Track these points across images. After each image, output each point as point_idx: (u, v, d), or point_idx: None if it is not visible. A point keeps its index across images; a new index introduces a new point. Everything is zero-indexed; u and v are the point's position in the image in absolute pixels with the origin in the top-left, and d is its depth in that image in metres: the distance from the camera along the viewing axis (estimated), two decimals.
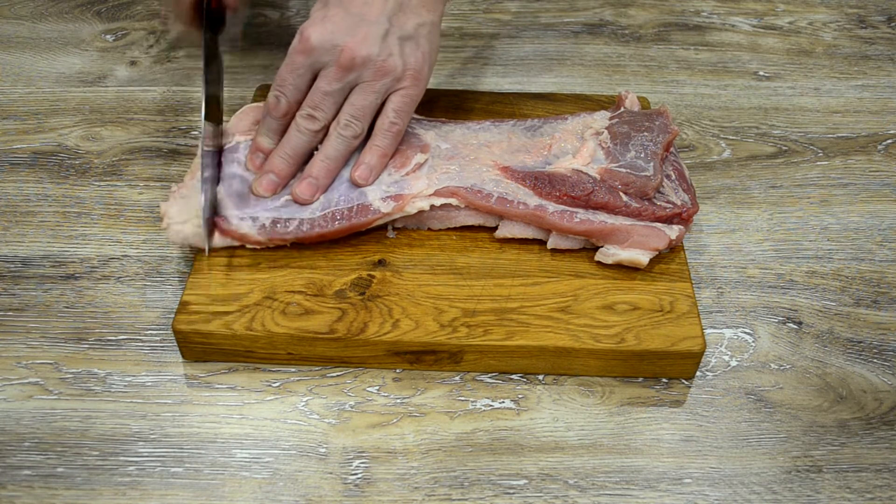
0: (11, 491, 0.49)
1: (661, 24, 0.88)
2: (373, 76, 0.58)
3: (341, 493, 0.50)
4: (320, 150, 0.59)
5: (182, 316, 0.54)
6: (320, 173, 0.59)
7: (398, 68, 0.59)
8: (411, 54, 0.59)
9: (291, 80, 0.59)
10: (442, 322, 0.55)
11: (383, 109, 0.60)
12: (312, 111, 0.59)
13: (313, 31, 0.58)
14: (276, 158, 0.59)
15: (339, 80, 0.58)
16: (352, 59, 0.57)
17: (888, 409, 0.55)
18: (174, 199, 0.58)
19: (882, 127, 0.76)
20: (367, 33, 0.58)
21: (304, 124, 0.59)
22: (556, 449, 0.52)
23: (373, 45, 0.58)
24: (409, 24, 0.60)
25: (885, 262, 0.64)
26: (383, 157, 0.60)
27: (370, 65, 0.58)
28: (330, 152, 0.59)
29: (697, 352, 0.54)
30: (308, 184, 0.58)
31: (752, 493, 0.51)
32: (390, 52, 0.58)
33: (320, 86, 0.58)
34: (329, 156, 0.59)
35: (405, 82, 0.59)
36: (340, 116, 0.59)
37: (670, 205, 0.59)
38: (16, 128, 0.73)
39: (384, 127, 0.60)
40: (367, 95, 0.59)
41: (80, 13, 0.87)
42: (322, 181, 0.59)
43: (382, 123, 0.60)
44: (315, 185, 0.59)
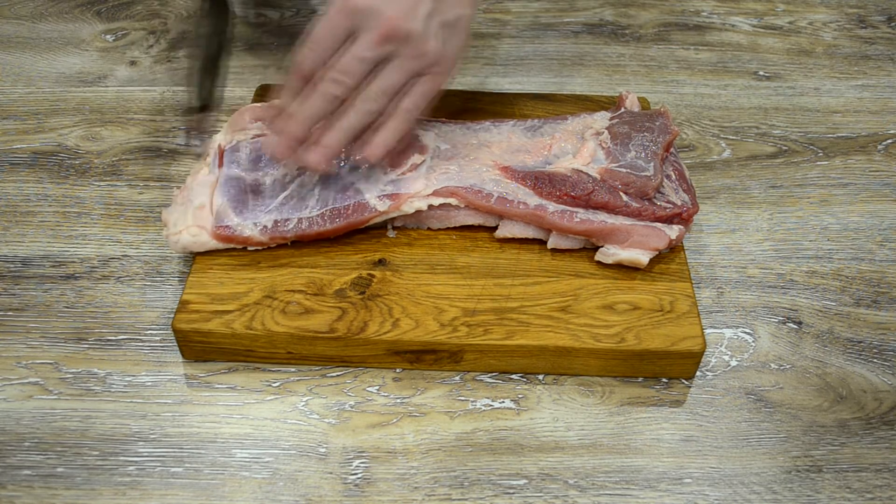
0: (11, 491, 0.49)
1: (661, 24, 0.88)
2: (409, 54, 0.55)
3: (341, 493, 0.50)
4: (338, 119, 0.56)
5: (182, 315, 0.54)
6: (333, 143, 0.56)
7: (434, 52, 0.56)
8: (448, 42, 0.57)
9: (326, 41, 0.55)
10: (442, 321, 0.55)
11: (407, 90, 0.57)
12: (339, 75, 0.55)
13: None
14: (294, 121, 0.56)
15: (376, 48, 0.54)
16: (394, 29, 0.54)
17: (888, 409, 0.55)
18: (175, 206, 0.58)
19: (882, 127, 0.76)
20: (412, 8, 0.54)
21: (329, 88, 0.55)
22: (556, 449, 0.52)
23: (417, 21, 0.54)
24: (452, 12, 0.57)
25: (885, 262, 0.64)
26: (395, 137, 0.57)
27: (410, 42, 0.55)
28: (347, 123, 0.56)
29: (697, 352, 0.54)
30: (320, 152, 0.56)
31: (752, 493, 0.51)
32: (431, 34, 0.55)
33: (355, 50, 0.54)
34: (345, 127, 0.56)
35: (436, 68, 0.57)
36: (368, 89, 0.55)
37: (670, 205, 0.59)
38: (16, 128, 0.73)
39: (404, 107, 0.57)
40: (398, 73, 0.56)
41: (80, 13, 0.87)
42: (334, 150, 0.56)
43: (404, 104, 0.57)
44: (326, 154, 0.56)
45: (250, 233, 0.57)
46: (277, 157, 0.57)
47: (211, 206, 0.58)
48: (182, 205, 0.58)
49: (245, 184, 0.60)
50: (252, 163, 0.61)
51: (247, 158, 0.61)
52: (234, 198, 0.58)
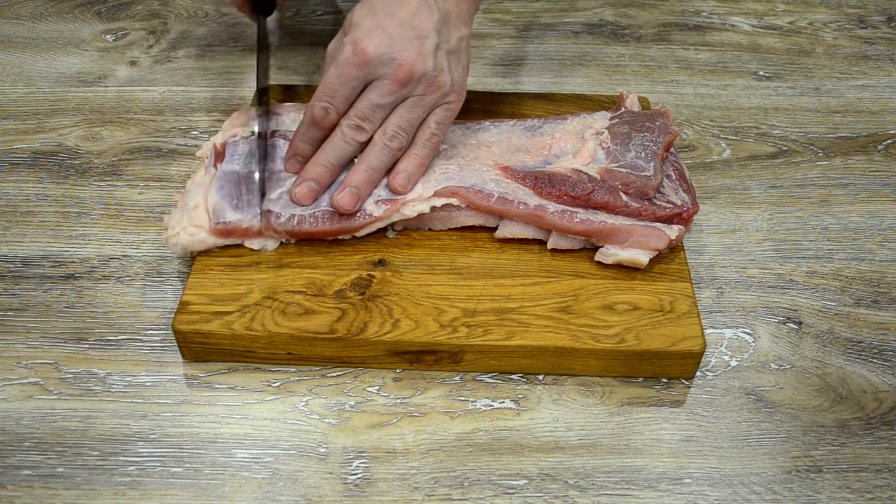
0: (11, 491, 0.49)
1: (661, 24, 0.88)
2: (424, 91, 0.58)
3: (341, 493, 0.50)
4: (362, 160, 0.58)
5: (182, 316, 0.54)
6: (362, 183, 0.58)
7: (447, 84, 0.58)
8: (456, 69, 0.59)
9: (343, 92, 0.57)
10: (442, 322, 0.55)
11: (426, 121, 0.59)
12: (361, 122, 0.58)
13: (370, 43, 0.56)
14: (318, 167, 0.58)
15: (393, 94, 0.57)
16: (409, 74, 0.57)
17: (888, 409, 0.55)
18: (174, 210, 0.59)
19: (882, 127, 0.76)
20: (420, 48, 0.57)
21: (351, 134, 0.58)
22: (556, 449, 0.52)
23: (428, 60, 0.57)
24: (453, 37, 0.59)
25: (885, 262, 0.64)
26: (421, 166, 0.59)
27: (424, 81, 0.57)
28: (373, 162, 0.58)
29: (697, 352, 0.54)
30: (350, 193, 0.58)
31: (752, 493, 0.51)
32: (441, 67, 0.58)
33: (372, 98, 0.57)
34: (372, 166, 0.58)
35: (451, 97, 0.59)
36: (387, 127, 0.58)
37: (670, 205, 0.59)
38: (16, 128, 0.73)
39: (425, 137, 0.59)
40: (416, 109, 0.58)
41: (80, 13, 0.87)
42: (363, 191, 0.58)
43: (424, 134, 0.59)
44: (357, 195, 0.58)
45: (247, 224, 0.57)
46: (305, 204, 0.58)
47: (205, 204, 0.58)
48: (180, 208, 0.58)
49: (240, 178, 0.60)
50: (247, 159, 0.61)
51: (242, 155, 0.61)
52: (230, 193, 0.59)
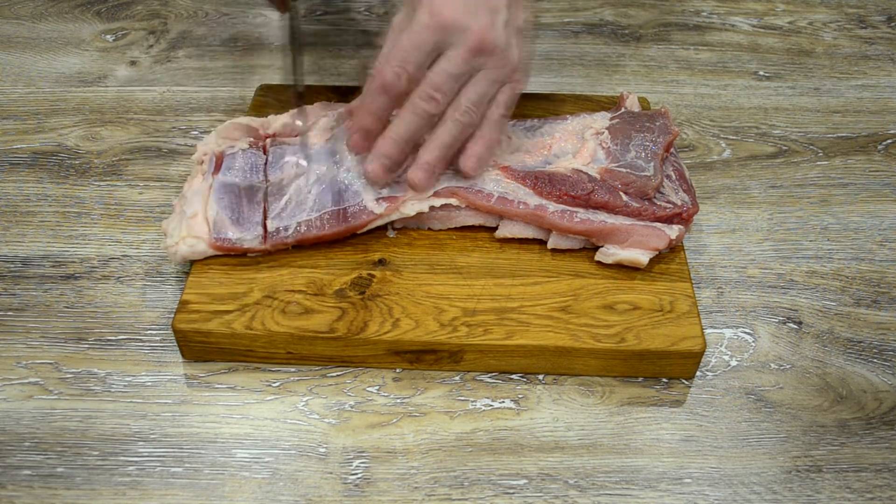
0: (11, 491, 0.49)
1: (661, 24, 0.88)
2: (496, 65, 0.56)
3: (341, 493, 0.50)
4: (434, 136, 0.57)
5: (182, 315, 0.54)
6: (435, 160, 0.56)
7: (515, 60, 0.57)
8: (523, 48, 0.58)
9: (416, 57, 0.54)
10: (442, 321, 0.55)
11: (494, 100, 0.58)
12: (434, 92, 0.55)
13: (446, 8, 0.54)
14: (390, 143, 0.56)
15: (466, 63, 0.55)
16: (482, 43, 0.54)
17: (888, 409, 0.55)
18: (173, 216, 0.58)
19: (882, 127, 0.76)
20: (493, 19, 0.55)
21: (424, 106, 0.55)
22: (556, 449, 0.52)
23: (500, 32, 0.55)
24: (521, 17, 0.58)
25: (885, 262, 0.64)
26: (491, 148, 0.58)
27: (496, 53, 0.56)
28: (446, 138, 0.56)
29: (697, 352, 0.54)
30: (424, 169, 0.56)
31: (752, 493, 0.51)
32: (511, 42, 0.56)
33: (445, 67, 0.55)
34: (445, 142, 0.56)
35: (517, 75, 0.58)
36: (460, 102, 0.56)
37: (670, 205, 0.59)
38: (16, 128, 0.73)
39: (494, 118, 0.58)
40: (488, 84, 0.56)
41: (80, 13, 0.87)
42: (437, 167, 0.57)
43: (493, 114, 0.57)
44: (430, 172, 0.56)
45: (249, 245, 0.57)
46: (378, 182, 0.57)
47: (205, 213, 0.58)
48: (179, 214, 0.58)
49: (240, 190, 0.59)
50: (247, 170, 0.61)
51: (241, 166, 0.61)
52: (230, 206, 0.58)
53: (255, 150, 0.62)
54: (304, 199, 0.58)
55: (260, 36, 0.85)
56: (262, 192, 0.59)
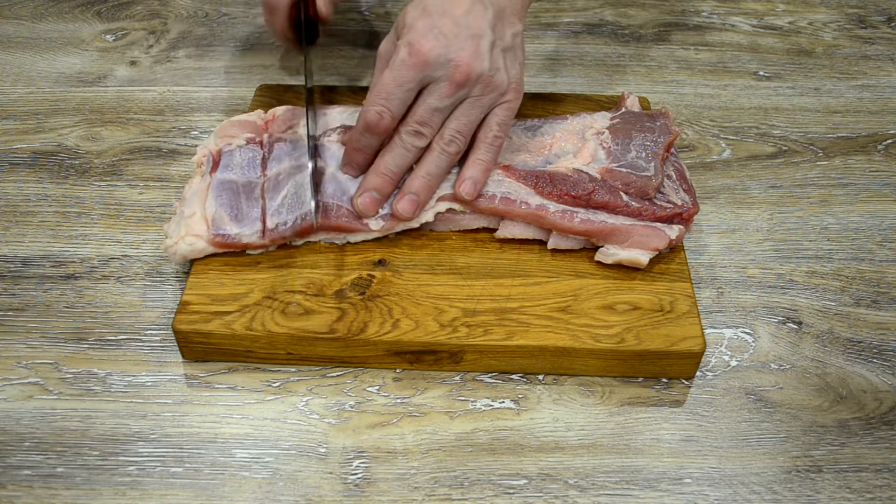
0: (11, 491, 0.49)
1: (661, 24, 0.88)
2: (481, 91, 0.57)
3: (341, 493, 0.50)
4: (420, 166, 0.58)
5: (182, 316, 0.54)
6: (421, 190, 0.57)
7: (504, 83, 0.57)
8: (512, 66, 0.58)
9: (398, 95, 0.56)
10: (442, 322, 0.55)
11: (486, 122, 0.58)
12: (420, 127, 0.56)
13: (425, 44, 0.55)
14: (379, 177, 0.57)
15: (451, 96, 0.56)
16: (467, 75, 0.55)
17: (888, 409, 0.55)
18: (173, 218, 0.58)
19: (882, 127, 0.76)
20: (477, 47, 0.56)
21: (410, 140, 0.57)
22: (556, 449, 0.52)
23: (484, 59, 0.56)
24: (508, 34, 0.58)
25: (885, 262, 0.64)
26: (487, 171, 0.58)
27: (481, 81, 0.56)
28: (432, 168, 0.57)
29: (697, 352, 0.54)
30: (409, 200, 0.57)
31: (752, 493, 0.51)
32: (497, 66, 0.57)
33: (430, 101, 0.56)
34: (430, 172, 0.57)
35: (508, 95, 0.58)
36: (444, 131, 0.57)
37: (671, 205, 0.59)
38: (16, 128, 0.73)
39: (488, 140, 0.58)
40: (473, 111, 0.57)
41: (80, 13, 0.87)
42: (423, 198, 0.58)
43: (486, 136, 0.58)
44: (416, 202, 0.57)
45: (248, 240, 0.57)
46: (368, 215, 0.58)
47: (203, 212, 0.57)
48: (178, 215, 0.58)
49: (238, 187, 0.59)
50: (245, 166, 0.60)
51: (239, 162, 0.61)
52: (229, 203, 0.58)
53: (253, 146, 0.62)
54: (302, 194, 0.58)
55: (260, 36, 0.85)
56: (259, 187, 0.59)
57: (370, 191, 0.58)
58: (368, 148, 0.58)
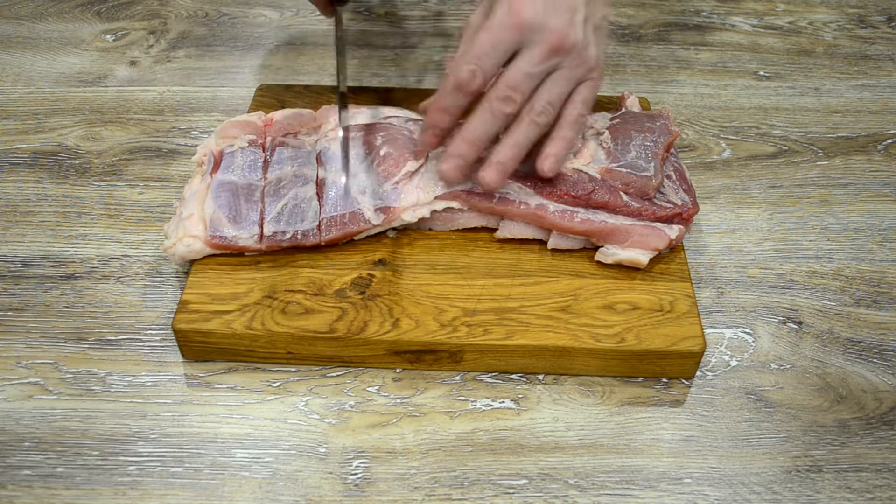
0: (11, 491, 0.49)
1: (661, 24, 0.88)
2: (573, 64, 0.55)
3: (341, 493, 0.50)
4: (509, 135, 0.56)
5: (182, 315, 0.54)
6: (509, 159, 0.55)
7: (593, 59, 0.56)
8: (600, 44, 0.57)
9: (493, 56, 0.53)
10: (442, 321, 0.55)
11: (571, 99, 0.56)
12: (511, 92, 0.54)
13: (525, 6, 0.53)
14: (464, 143, 0.56)
15: (543, 62, 0.54)
16: (560, 42, 0.53)
17: (888, 409, 0.55)
18: (173, 219, 0.58)
19: (882, 127, 0.76)
20: (572, 18, 0.54)
21: (500, 106, 0.54)
22: (556, 449, 0.52)
23: (578, 31, 0.54)
24: (598, 13, 0.57)
25: (885, 262, 0.64)
26: (568, 148, 0.57)
27: (574, 52, 0.54)
28: (521, 139, 0.55)
29: (697, 352, 0.54)
30: (496, 170, 0.56)
31: (752, 493, 0.51)
32: (589, 41, 0.56)
33: (522, 66, 0.54)
34: (519, 142, 0.55)
35: (594, 73, 0.57)
36: (535, 102, 0.55)
37: (671, 205, 0.59)
38: (16, 128, 0.73)
39: (572, 118, 0.56)
40: (564, 83, 0.55)
41: (80, 13, 0.87)
42: (510, 167, 0.56)
43: (570, 114, 0.56)
44: (503, 171, 0.56)
45: (245, 243, 0.57)
46: (452, 181, 0.57)
47: (201, 213, 0.57)
48: (178, 216, 0.58)
49: (238, 189, 0.59)
50: (246, 168, 0.60)
51: (240, 164, 0.61)
52: (227, 204, 0.58)
53: (255, 149, 0.62)
54: (305, 209, 0.58)
55: (260, 36, 0.85)
56: (259, 190, 0.59)
57: (455, 157, 0.56)
58: (455, 108, 0.56)
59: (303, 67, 0.81)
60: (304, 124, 0.64)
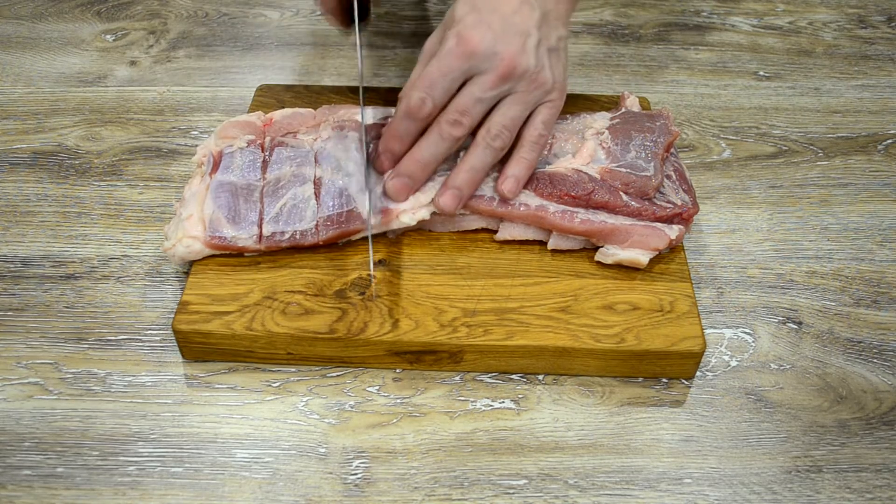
0: (11, 491, 0.49)
1: (661, 24, 0.88)
2: (527, 88, 0.56)
3: (341, 493, 0.50)
4: (465, 160, 0.57)
5: (182, 316, 0.54)
6: (465, 184, 0.57)
7: (549, 81, 0.57)
8: (556, 66, 0.58)
9: (442, 84, 0.55)
10: (442, 322, 0.55)
11: (530, 121, 0.58)
12: (460, 116, 0.56)
13: (474, 35, 0.54)
14: (413, 163, 0.57)
15: (495, 88, 0.55)
16: (512, 69, 0.55)
17: (888, 409, 0.55)
18: (173, 220, 0.58)
19: (882, 127, 0.76)
20: (524, 43, 0.56)
21: (449, 130, 0.56)
22: (556, 449, 0.52)
23: (530, 56, 0.56)
24: (553, 36, 0.58)
25: (885, 262, 0.64)
26: (530, 169, 0.58)
27: (526, 77, 0.56)
28: (476, 163, 0.57)
29: (697, 352, 0.54)
30: (452, 195, 0.57)
31: (752, 493, 0.51)
32: (542, 64, 0.57)
33: (473, 92, 0.55)
34: (475, 166, 0.57)
35: (553, 95, 0.58)
36: (490, 126, 0.57)
37: (671, 205, 0.59)
38: (16, 128, 0.73)
39: (532, 139, 0.58)
40: (518, 106, 0.57)
41: (80, 13, 0.87)
42: (466, 192, 0.57)
43: (530, 135, 0.58)
44: (459, 196, 0.57)
45: (244, 243, 0.57)
46: (398, 200, 0.58)
47: (200, 214, 0.57)
48: (177, 217, 0.58)
49: (237, 189, 0.59)
50: (245, 168, 0.60)
51: (240, 164, 0.61)
52: (226, 205, 0.58)
53: (254, 149, 0.62)
54: (303, 209, 0.58)
55: (260, 36, 0.85)
56: (259, 190, 0.59)
57: (403, 176, 0.57)
58: (407, 135, 0.57)
59: (303, 67, 0.81)
60: (303, 123, 0.64)
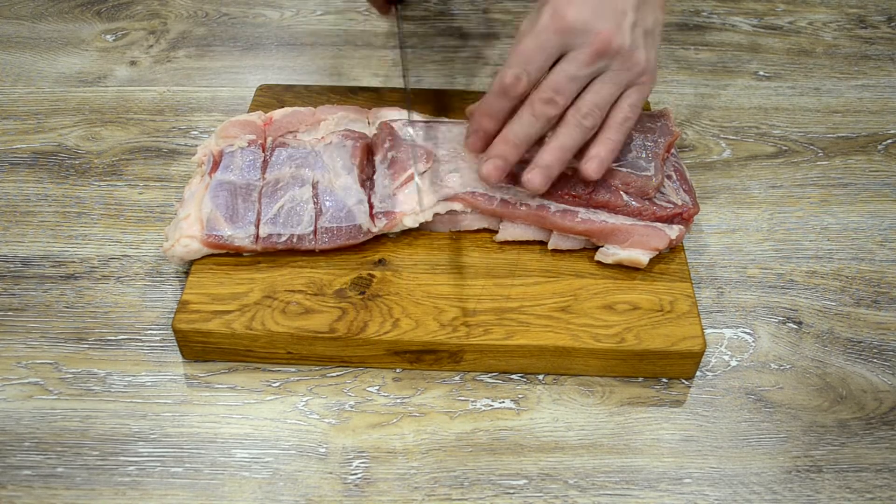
0: (11, 491, 0.49)
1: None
2: (620, 67, 0.55)
3: (341, 493, 0.50)
4: (554, 138, 0.55)
5: (182, 315, 0.54)
6: (554, 162, 0.55)
7: (642, 63, 0.56)
8: (651, 49, 0.57)
9: (537, 60, 0.53)
10: (442, 321, 0.55)
11: (619, 103, 0.56)
12: (554, 95, 0.54)
13: (570, 10, 0.53)
14: (505, 144, 0.55)
15: (589, 65, 0.54)
16: (607, 46, 0.53)
17: (888, 409, 0.55)
18: (173, 220, 0.58)
19: (882, 127, 0.76)
20: (619, 21, 0.54)
21: (542, 109, 0.54)
22: (556, 449, 0.52)
23: (626, 34, 0.54)
24: (650, 18, 0.57)
25: (885, 262, 0.64)
26: (614, 151, 0.57)
27: (621, 55, 0.54)
28: (566, 141, 0.55)
29: (697, 352, 0.54)
30: (540, 173, 0.55)
31: (752, 493, 0.51)
32: (637, 44, 0.55)
33: (567, 69, 0.54)
34: (564, 145, 0.55)
35: (644, 77, 0.57)
36: (581, 104, 0.55)
37: (671, 205, 0.59)
38: (16, 128, 0.73)
39: (618, 121, 0.56)
40: (612, 86, 0.55)
41: (80, 13, 0.87)
42: (554, 170, 0.56)
43: (618, 116, 0.56)
44: (548, 175, 0.55)
45: (241, 243, 0.57)
46: (492, 182, 0.57)
47: (198, 213, 0.57)
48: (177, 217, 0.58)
49: (236, 188, 0.59)
50: (245, 168, 0.60)
51: (240, 164, 0.61)
52: (225, 203, 0.58)
53: (254, 148, 0.62)
54: (301, 212, 0.58)
55: (260, 36, 0.85)
56: (257, 190, 0.59)
57: (496, 158, 0.56)
58: (500, 113, 0.56)
59: (303, 67, 0.81)
60: (303, 121, 0.64)
